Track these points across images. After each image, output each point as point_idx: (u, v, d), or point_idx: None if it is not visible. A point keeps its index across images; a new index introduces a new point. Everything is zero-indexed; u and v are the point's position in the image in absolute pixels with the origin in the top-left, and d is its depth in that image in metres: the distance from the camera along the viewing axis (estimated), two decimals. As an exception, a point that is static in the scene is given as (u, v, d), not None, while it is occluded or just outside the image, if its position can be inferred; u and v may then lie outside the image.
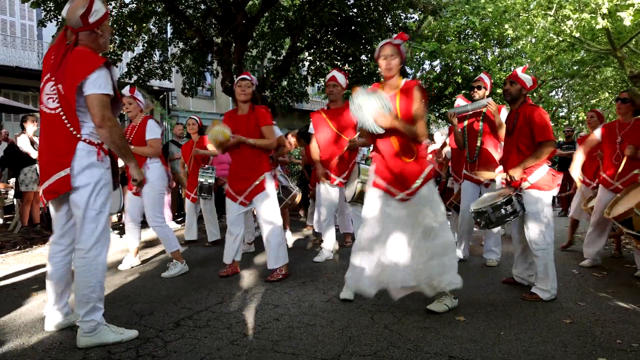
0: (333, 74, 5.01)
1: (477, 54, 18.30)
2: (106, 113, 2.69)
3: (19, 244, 6.36)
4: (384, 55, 3.36)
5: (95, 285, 2.78)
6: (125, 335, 2.86)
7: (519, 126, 3.83)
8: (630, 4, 11.48)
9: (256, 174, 4.35)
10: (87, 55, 2.70)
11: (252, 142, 4.31)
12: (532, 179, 3.73)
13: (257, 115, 4.36)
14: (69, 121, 2.71)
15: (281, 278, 4.35)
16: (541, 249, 3.73)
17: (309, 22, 11.38)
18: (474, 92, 4.98)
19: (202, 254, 5.78)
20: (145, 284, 4.27)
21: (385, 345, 2.79)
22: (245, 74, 4.48)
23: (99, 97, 2.67)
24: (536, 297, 3.74)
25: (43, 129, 2.83)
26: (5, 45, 15.52)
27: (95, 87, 2.66)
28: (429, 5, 12.23)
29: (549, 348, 2.76)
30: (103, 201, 2.82)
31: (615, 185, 4.71)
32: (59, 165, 2.71)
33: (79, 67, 2.65)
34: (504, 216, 3.77)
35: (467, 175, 5.07)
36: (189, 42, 12.96)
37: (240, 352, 2.70)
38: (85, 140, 2.75)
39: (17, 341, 2.85)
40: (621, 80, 19.58)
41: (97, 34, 2.82)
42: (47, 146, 2.79)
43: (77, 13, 2.73)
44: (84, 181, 2.74)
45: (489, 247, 5.08)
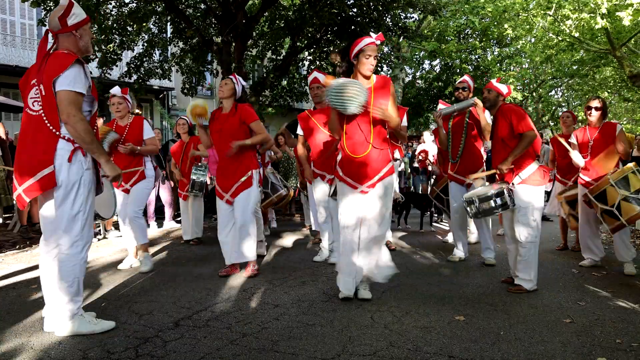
0: (315, 76, 5.07)
1: (476, 53, 18.32)
2: (71, 110, 2.74)
3: (19, 243, 6.36)
4: (373, 54, 3.54)
5: (73, 280, 2.87)
6: (98, 326, 2.95)
7: (499, 125, 4.13)
8: (630, 4, 11.48)
9: (242, 170, 4.43)
10: (60, 55, 2.80)
11: (249, 142, 4.39)
12: (524, 174, 3.96)
13: (241, 113, 4.43)
14: (49, 121, 2.78)
15: (257, 274, 4.47)
16: (529, 242, 3.93)
17: (309, 22, 11.38)
18: (459, 92, 5.15)
19: (201, 253, 5.78)
20: (144, 283, 4.27)
21: (385, 345, 2.79)
22: (231, 76, 4.60)
23: (65, 94, 2.73)
24: (520, 289, 3.93)
25: (24, 129, 2.88)
26: (5, 44, 15.50)
27: (63, 85, 2.73)
28: (429, 4, 12.22)
29: (549, 348, 2.77)
30: (83, 200, 2.88)
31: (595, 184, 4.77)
32: (41, 162, 2.76)
33: (53, 66, 2.75)
34: (493, 208, 3.95)
35: (451, 175, 5.15)
36: (189, 41, 12.96)
37: (240, 351, 2.69)
38: (65, 138, 2.80)
39: (16, 341, 2.85)
40: (620, 80, 19.58)
41: (75, 37, 2.90)
42: (28, 146, 2.83)
43: (56, 15, 2.84)
44: (63, 180, 2.80)
45: (485, 245, 5.10)
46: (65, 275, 2.84)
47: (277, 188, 6.41)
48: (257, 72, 18.33)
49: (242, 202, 4.43)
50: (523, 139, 3.94)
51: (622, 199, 4.30)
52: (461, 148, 5.04)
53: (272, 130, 19.83)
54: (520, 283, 3.95)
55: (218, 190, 4.56)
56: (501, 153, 4.10)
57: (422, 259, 5.43)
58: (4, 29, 15.70)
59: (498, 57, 19.16)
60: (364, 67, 3.55)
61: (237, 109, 4.45)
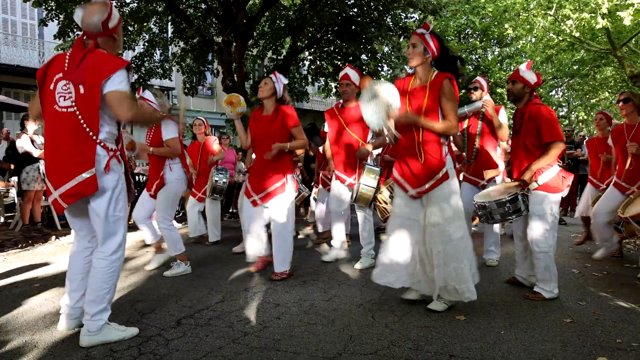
0: (346, 72, 4.92)
1: (477, 53, 18.34)
2: (126, 104, 2.70)
3: (20, 242, 6.37)
4: (409, 44, 3.42)
5: (111, 287, 2.84)
6: (127, 332, 2.89)
7: (525, 125, 3.78)
8: (630, 4, 11.50)
9: (278, 175, 4.32)
10: (108, 57, 2.74)
11: (289, 146, 4.29)
12: (542, 179, 3.67)
13: (282, 116, 4.31)
14: (86, 122, 2.68)
15: (285, 278, 4.35)
16: (543, 252, 3.68)
17: (310, 22, 11.40)
18: (471, 93, 5.01)
19: (203, 252, 5.79)
20: (146, 282, 4.29)
21: (386, 344, 2.80)
22: (272, 74, 4.46)
23: (119, 94, 2.68)
24: (540, 296, 3.72)
25: (53, 128, 2.75)
26: (7, 44, 15.54)
27: (115, 85, 2.68)
28: (429, 4, 12.25)
29: (549, 347, 2.78)
30: (122, 206, 2.86)
31: (631, 189, 4.69)
32: (80, 165, 2.68)
33: (101, 68, 2.67)
34: (506, 213, 3.74)
35: (465, 177, 5.08)
36: (190, 41, 12.99)
37: (242, 350, 2.71)
38: (101, 144, 2.75)
39: (20, 339, 2.86)
40: (621, 80, 19.58)
41: (114, 39, 2.88)
42: (62, 147, 2.71)
43: (96, 18, 2.75)
44: (104, 187, 2.75)
45: (488, 246, 5.08)
46: (104, 281, 2.79)
47: (300, 190, 6.41)
48: (258, 71, 18.34)
49: (280, 209, 4.32)
50: (550, 149, 3.61)
51: None
52: (475, 149, 4.89)
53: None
54: (540, 291, 3.74)
55: (247, 189, 4.47)
56: (521, 155, 3.84)
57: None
58: (6, 28, 15.73)
59: (498, 57, 19.19)
60: (408, 59, 3.45)
61: (278, 112, 4.33)
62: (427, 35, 3.37)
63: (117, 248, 2.84)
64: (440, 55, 3.41)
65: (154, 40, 13.08)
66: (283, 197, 4.33)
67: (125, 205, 2.92)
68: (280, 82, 4.40)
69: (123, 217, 2.88)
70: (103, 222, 2.78)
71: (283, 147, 4.25)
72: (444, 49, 3.42)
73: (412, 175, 3.43)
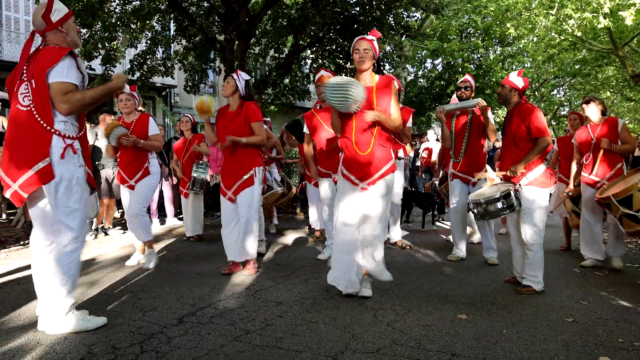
0: (322, 74, 5.04)
1: (479, 52, 18.32)
2: (65, 97, 2.72)
3: (22, 239, 6.38)
4: (358, 49, 3.62)
5: (68, 279, 2.85)
6: (91, 322, 2.94)
7: (514, 125, 4.05)
8: (632, 4, 11.49)
9: (245, 168, 4.44)
10: (51, 49, 2.80)
11: (245, 141, 4.38)
12: (530, 176, 3.94)
13: (247, 112, 4.44)
14: (40, 115, 2.74)
15: (257, 271, 4.50)
16: (536, 244, 3.92)
17: (312, 20, 11.40)
18: (461, 92, 5.11)
19: (204, 250, 5.80)
20: (148, 280, 4.29)
21: (388, 343, 2.81)
22: (234, 73, 4.61)
23: (59, 85, 2.72)
24: (530, 289, 3.91)
25: (12, 125, 2.84)
26: (10, 41, 15.54)
27: (56, 76, 2.72)
28: (431, 3, 12.24)
29: (551, 346, 2.78)
30: (77, 198, 2.86)
31: (601, 182, 4.77)
32: (36, 155, 2.73)
33: (45, 59, 2.74)
34: (500, 209, 3.90)
35: (454, 173, 5.18)
36: (192, 39, 12.99)
37: (244, 348, 2.71)
38: (57, 133, 2.78)
39: (23, 336, 2.87)
40: (623, 79, 19.56)
41: (62, 33, 2.90)
42: (18, 141, 2.79)
43: (39, 14, 2.84)
44: (58, 178, 2.78)
45: (486, 245, 5.11)
46: (60, 272, 2.82)
47: (272, 187, 6.47)
48: (260, 70, 18.35)
49: (246, 200, 4.45)
50: (538, 144, 3.91)
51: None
52: (464, 147, 5.05)
53: (274, 128, 19.82)
54: (529, 284, 3.93)
55: (222, 187, 4.58)
56: (511, 152, 4.07)
57: (424, 258, 5.44)
58: (9, 26, 15.74)
59: (500, 56, 19.15)
60: (356, 63, 3.67)
61: (242, 108, 4.47)
62: (375, 42, 3.65)
63: (71, 239, 2.84)
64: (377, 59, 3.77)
65: (156, 38, 13.08)
66: (249, 189, 4.46)
67: (83, 197, 2.91)
68: (242, 80, 4.54)
69: (79, 209, 2.87)
70: (57, 212, 2.79)
71: (238, 140, 4.35)
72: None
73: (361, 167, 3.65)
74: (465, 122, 5.05)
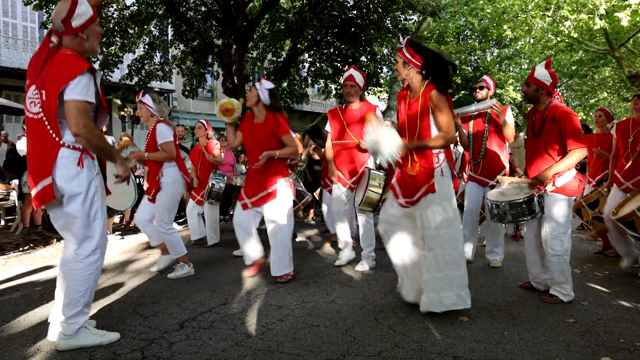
0: (351, 73, 4.87)
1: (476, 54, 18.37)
2: (82, 120, 2.58)
3: (21, 245, 6.37)
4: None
5: (87, 290, 2.77)
6: (105, 337, 2.85)
7: (546, 128, 3.67)
8: (628, 5, 11.53)
9: (271, 180, 4.34)
10: (69, 59, 2.61)
11: (278, 154, 4.33)
12: (559, 182, 3.60)
13: (273, 124, 4.35)
14: (51, 127, 2.65)
15: (289, 280, 4.36)
16: (557, 255, 3.60)
17: (309, 24, 11.41)
18: (477, 92, 4.95)
19: (205, 255, 5.79)
20: (148, 285, 4.28)
21: (390, 346, 2.80)
22: (259, 80, 4.48)
23: (76, 104, 2.58)
24: (557, 299, 3.66)
25: (28, 134, 2.78)
26: (7, 47, 15.54)
27: (73, 94, 2.58)
28: (428, 6, 12.28)
29: (553, 348, 2.78)
30: (98, 208, 2.80)
31: (626, 185, 4.65)
32: (43, 172, 2.67)
33: (61, 73, 2.58)
34: (520, 214, 3.68)
35: (471, 176, 5.05)
36: (190, 43, 13.01)
37: (245, 353, 2.71)
38: (69, 146, 2.69)
39: (23, 343, 2.86)
40: (619, 80, 19.61)
41: (81, 38, 2.71)
42: (34, 152, 2.75)
43: (60, 16, 2.64)
44: (75, 191, 2.70)
45: (491, 247, 5.06)
46: (79, 284, 2.74)
47: (302, 195, 6.41)
48: (258, 74, 18.36)
49: (275, 213, 4.34)
50: (573, 154, 3.50)
51: None
52: (483, 149, 4.87)
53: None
54: (556, 294, 3.67)
55: (242, 193, 4.49)
56: (540, 158, 3.73)
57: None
58: (6, 31, 15.74)
59: (497, 58, 19.22)
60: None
61: (270, 120, 4.37)
62: (404, 49, 3.40)
63: (93, 250, 2.78)
64: (428, 62, 3.38)
65: (154, 43, 13.09)
66: (277, 201, 4.34)
67: (102, 206, 2.85)
68: (264, 89, 4.39)
69: (100, 218, 2.81)
70: (79, 224, 2.73)
71: (272, 154, 4.29)
72: (431, 56, 3.39)
73: (405, 185, 3.49)
74: (483, 123, 4.90)
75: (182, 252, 4.62)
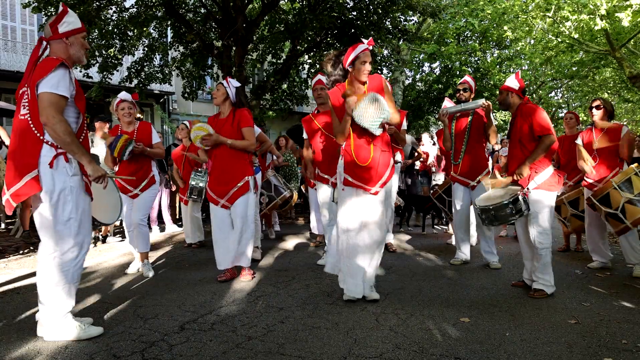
0: (319, 78, 5.04)
1: (476, 55, 18.35)
2: (50, 111, 2.69)
3: (21, 248, 6.36)
4: (368, 60, 3.64)
5: (64, 286, 2.87)
6: (87, 331, 2.92)
7: (518, 125, 4.03)
8: (629, 5, 11.51)
9: (238, 177, 4.41)
10: (48, 59, 2.78)
11: (230, 142, 4.36)
12: (539, 179, 3.89)
13: (238, 118, 4.44)
14: (34, 125, 2.76)
15: (254, 276, 4.52)
16: (545, 248, 3.87)
17: (309, 26, 11.40)
18: (460, 94, 5.07)
19: (204, 257, 5.78)
20: (148, 287, 4.27)
21: (391, 347, 2.79)
22: (224, 80, 4.58)
23: (46, 96, 2.70)
24: (543, 294, 3.84)
25: (13, 134, 2.87)
26: (6, 50, 15.55)
27: (45, 87, 2.70)
28: (428, 7, 12.27)
29: (554, 348, 2.77)
30: (73, 207, 2.85)
31: (598, 186, 4.77)
32: (27, 166, 2.75)
33: (39, 71, 2.74)
34: (508, 215, 3.85)
35: (454, 177, 5.13)
36: (189, 45, 12.99)
37: (246, 355, 2.69)
38: (48, 143, 2.78)
39: (24, 345, 2.85)
40: (620, 81, 19.59)
41: (66, 44, 2.88)
42: (16, 150, 2.81)
43: (49, 22, 2.85)
44: (48, 187, 2.77)
45: (487, 249, 5.08)
46: (57, 280, 2.84)
47: (280, 190, 6.45)
48: (258, 75, 18.36)
49: (242, 208, 4.42)
50: (542, 142, 3.88)
51: (626, 201, 4.31)
52: (463, 149, 5.01)
53: (272, 133, 19.84)
54: (541, 287, 3.87)
55: (211, 196, 4.51)
56: (518, 155, 4.03)
57: (425, 261, 5.43)
58: (5, 34, 15.74)
59: (498, 59, 19.19)
60: (360, 74, 3.65)
61: (234, 114, 4.46)
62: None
63: (71, 248, 2.85)
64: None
65: (153, 45, 13.07)
66: (247, 196, 4.45)
67: (79, 206, 2.89)
68: (232, 87, 4.51)
69: (75, 218, 2.86)
70: (51, 223, 2.80)
71: (223, 140, 4.34)
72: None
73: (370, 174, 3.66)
74: (465, 123, 5.02)
75: (147, 249, 4.86)
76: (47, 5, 10.02)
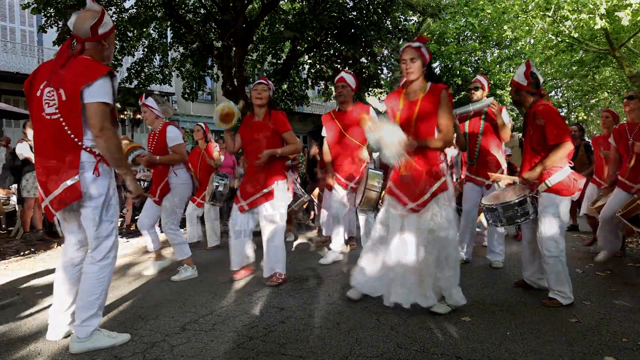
0: (342, 75, 4.92)
1: (476, 55, 18.38)
2: (105, 123, 2.65)
3: (22, 250, 6.37)
4: (404, 59, 3.40)
5: (101, 293, 2.82)
6: (117, 339, 2.87)
7: (530, 126, 3.70)
8: (628, 4, 11.52)
9: (268, 180, 4.25)
10: (90, 63, 2.70)
11: (280, 152, 4.24)
12: (552, 181, 3.54)
13: (275, 122, 4.27)
14: (70, 129, 2.66)
15: (281, 282, 4.28)
16: (553, 256, 3.56)
17: (309, 26, 11.41)
18: (472, 93, 4.99)
19: (205, 257, 5.78)
20: (149, 288, 4.28)
21: (392, 347, 2.79)
22: (262, 79, 4.43)
23: (99, 106, 2.64)
24: (556, 303, 3.56)
25: (42, 135, 2.76)
26: (6, 51, 15.56)
27: (97, 96, 2.63)
28: (428, 7, 12.29)
29: (555, 347, 2.77)
30: (113, 211, 2.86)
31: (636, 187, 4.65)
32: (66, 172, 2.68)
33: (82, 74, 2.63)
34: (514, 216, 3.69)
35: (468, 176, 5.05)
36: (189, 46, 13.00)
37: (247, 355, 2.70)
38: (87, 150, 2.71)
39: (24, 347, 2.85)
40: (620, 80, 19.59)
41: (103, 46, 2.83)
42: (50, 153, 2.72)
43: (87, 24, 2.73)
44: (95, 194, 2.74)
45: (492, 248, 5.05)
46: (95, 286, 2.79)
47: (298, 196, 6.42)
48: (258, 76, 18.34)
49: (270, 215, 4.27)
50: (558, 149, 3.46)
51: None
52: (477, 149, 4.87)
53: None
54: (555, 297, 3.57)
55: (237, 195, 4.42)
56: (527, 155, 3.74)
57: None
58: (4, 36, 15.76)
59: (498, 58, 19.22)
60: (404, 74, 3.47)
61: (270, 117, 4.29)
62: (423, 49, 3.43)
63: (107, 253, 2.83)
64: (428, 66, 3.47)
65: (153, 46, 13.09)
66: (274, 202, 4.27)
67: (117, 211, 2.91)
68: (272, 89, 4.42)
69: (114, 222, 2.87)
70: (94, 228, 2.77)
71: (273, 153, 4.20)
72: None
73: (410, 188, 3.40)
74: (478, 124, 4.89)
75: (188, 255, 4.64)
76: (46, 6, 10.02)
